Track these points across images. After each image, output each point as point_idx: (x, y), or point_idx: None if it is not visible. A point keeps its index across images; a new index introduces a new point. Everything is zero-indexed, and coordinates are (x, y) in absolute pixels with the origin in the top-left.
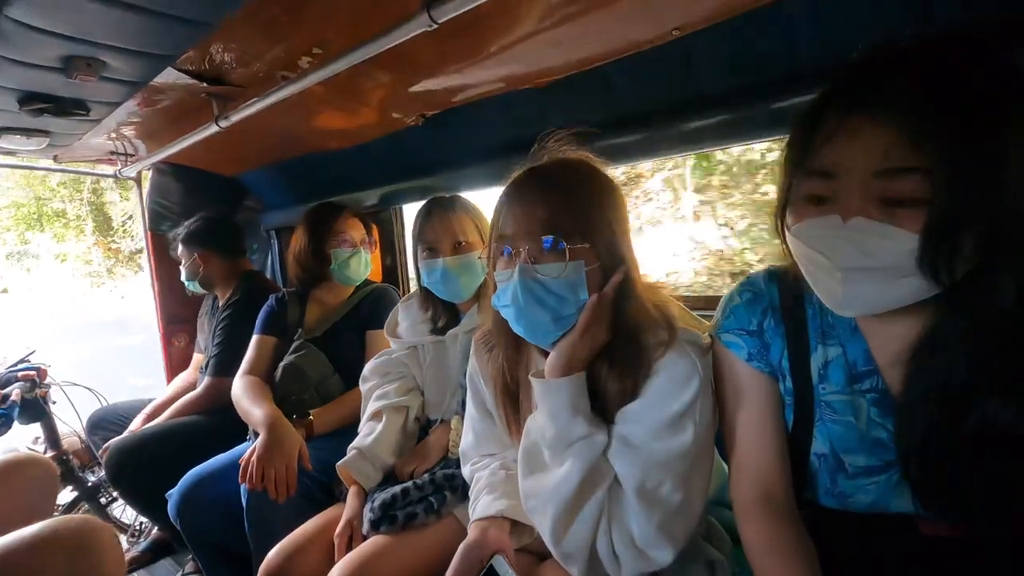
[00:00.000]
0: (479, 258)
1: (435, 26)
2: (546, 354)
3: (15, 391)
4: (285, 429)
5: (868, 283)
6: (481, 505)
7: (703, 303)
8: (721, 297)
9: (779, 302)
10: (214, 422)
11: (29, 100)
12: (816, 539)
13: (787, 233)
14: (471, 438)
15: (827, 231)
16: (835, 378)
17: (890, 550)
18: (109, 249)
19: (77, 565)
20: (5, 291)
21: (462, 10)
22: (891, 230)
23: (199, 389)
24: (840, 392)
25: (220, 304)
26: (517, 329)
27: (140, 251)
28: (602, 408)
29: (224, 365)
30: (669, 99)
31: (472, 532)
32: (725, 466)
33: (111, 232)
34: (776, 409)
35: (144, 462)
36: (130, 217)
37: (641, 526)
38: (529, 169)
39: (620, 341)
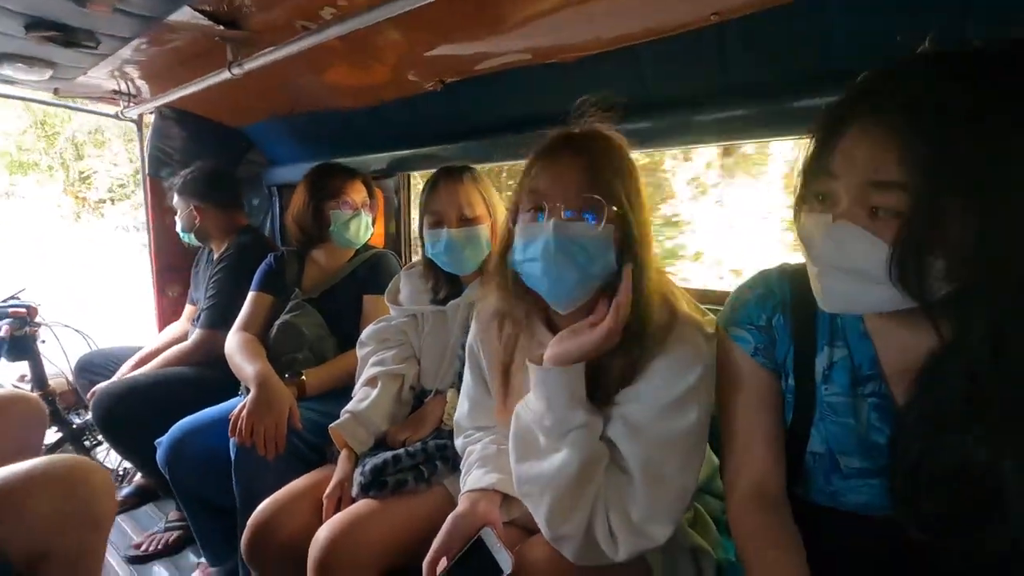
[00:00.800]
0: (484, 231)
1: None
2: (551, 329)
3: (4, 327)
4: (277, 387)
5: (842, 283)
6: (472, 478)
7: (708, 297)
8: (724, 291)
9: (790, 300)
10: (203, 374)
11: (36, 26)
12: (804, 534)
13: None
14: (467, 406)
15: (817, 228)
16: (838, 380)
17: (878, 550)
18: (77, 197)
19: (67, 504)
20: None
21: None
22: (868, 236)
23: (189, 341)
24: (842, 394)
25: (214, 257)
26: (538, 284)
27: (103, 201)
28: (602, 388)
29: (215, 318)
30: (698, 86)
31: (462, 503)
32: (714, 456)
33: (72, 184)
34: (776, 405)
35: (131, 408)
36: (95, 172)
37: (641, 505)
38: (567, 134)
39: (629, 324)
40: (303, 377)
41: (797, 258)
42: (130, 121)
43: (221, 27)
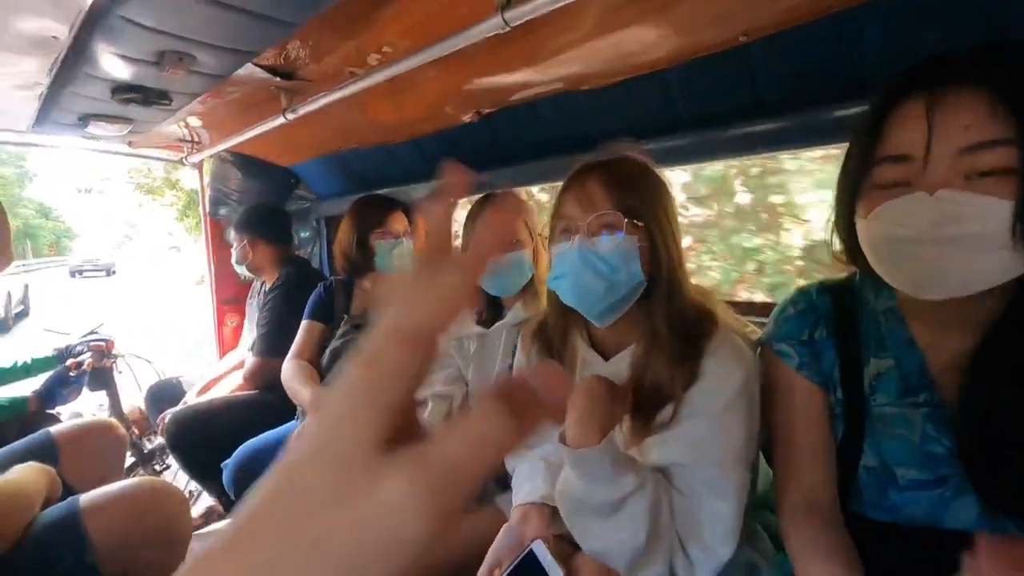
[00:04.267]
0: (527, 256)
1: (507, 28)
2: (594, 346)
3: (88, 360)
4: None
5: (958, 254)
6: (523, 492)
7: (752, 310)
8: (767, 302)
9: (832, 313)
10: (263, 399)
11: (121, 90)
12: (863, 553)
13: (860, 224)
14: None
15: (913, 206)
16: (887, 390)
17: (942, 567)
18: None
19: (148, 522)
20: (178, 249)
21: (536, 14)
22: (980, 198)
23: (245, 368)
24: (892, 405)
25: (266, 288)
26: (569, 297)
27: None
28: (660, 398)
29: (269, 346)
30: (726, 104)
31: (513, 517)
32: (770, 470)
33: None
34: (825, 419)
35: (199, 432)
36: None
37: (712, 525)
38: (591, 161)
39: (671, 333)
40: None
41: None
42: (192, 166)
43: (278, 78)
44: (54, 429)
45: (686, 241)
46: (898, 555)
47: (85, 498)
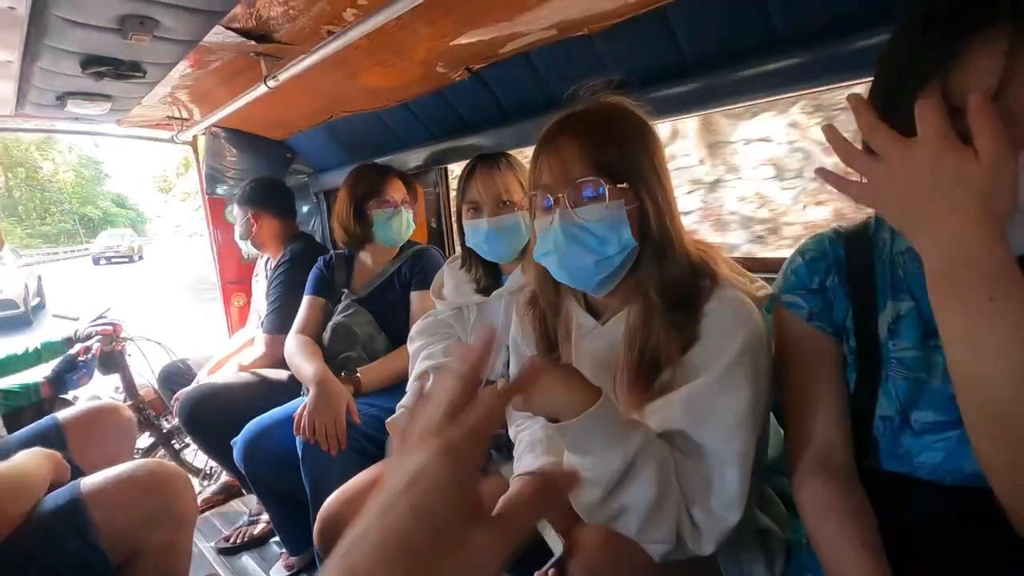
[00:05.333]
0: (523, 217)
1: None
2: (590, 311)
3: (96, 345)
4: (333, 385)
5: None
6: (524, 462)
7: (763, 266)
8: (775, 258)
9: (845, 260)
10: (272, 376)
11: (90, 63)
12: (879, 506)
13: None
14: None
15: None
16: (907, 333)
17: (961, 516)
18: None
19: (152, 504)
20: None
21: None
22: None
23: (256, 346)
24: (912, 347)
25: (271, 265)
26: (559, 275)
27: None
28: (657, 362)
29: (277, 323)
30: (736, 42)
31: (513, 487)
32: (782, 432)
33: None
34: (838, 371)
35: (211, 411)
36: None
37: (718, 488)
38: (563, 117)
39: (664, 297)
40: (358, 375)
41: None
42: (185, 144)
43: (253, 42)
44: (60, 415)
45: None
46: (915, 506)
47: (86, 482)
